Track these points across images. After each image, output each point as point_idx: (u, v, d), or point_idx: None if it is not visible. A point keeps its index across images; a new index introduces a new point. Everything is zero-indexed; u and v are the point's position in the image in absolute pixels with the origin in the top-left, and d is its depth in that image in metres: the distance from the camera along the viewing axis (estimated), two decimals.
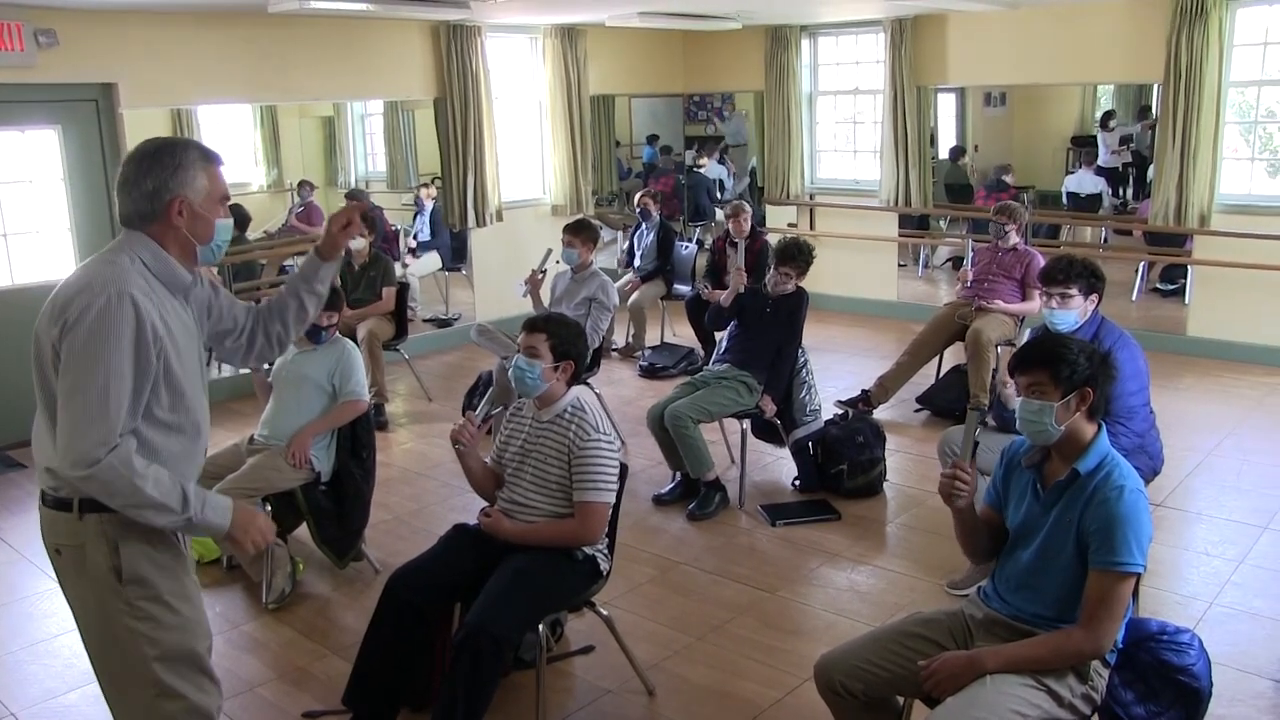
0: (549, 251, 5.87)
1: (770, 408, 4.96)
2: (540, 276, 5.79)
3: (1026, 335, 4.36)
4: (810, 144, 9.45)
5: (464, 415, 3.34)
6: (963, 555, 2.96)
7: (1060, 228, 9.91)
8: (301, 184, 9.14)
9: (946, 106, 11.50)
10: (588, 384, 5.70)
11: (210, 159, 2.29)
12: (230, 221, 2.37)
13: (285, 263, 8.82)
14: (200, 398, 2.34)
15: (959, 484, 2.61)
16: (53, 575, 4.47)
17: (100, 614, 2.25)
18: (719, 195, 11.26)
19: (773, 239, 7.29)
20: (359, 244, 6.57)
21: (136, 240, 2.24)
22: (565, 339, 3.28)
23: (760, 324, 5.10)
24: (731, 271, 5.42)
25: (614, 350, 7.85)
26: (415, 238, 8.99)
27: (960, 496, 2.63)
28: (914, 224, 9.49)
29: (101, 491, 2.10)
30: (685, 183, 10.93)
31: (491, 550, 3.19)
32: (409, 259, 8.80)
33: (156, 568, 2.26)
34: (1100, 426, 2.57)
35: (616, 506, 3.32)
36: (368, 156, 10.32)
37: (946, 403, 6.17)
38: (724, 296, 5.27)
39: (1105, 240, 10.02)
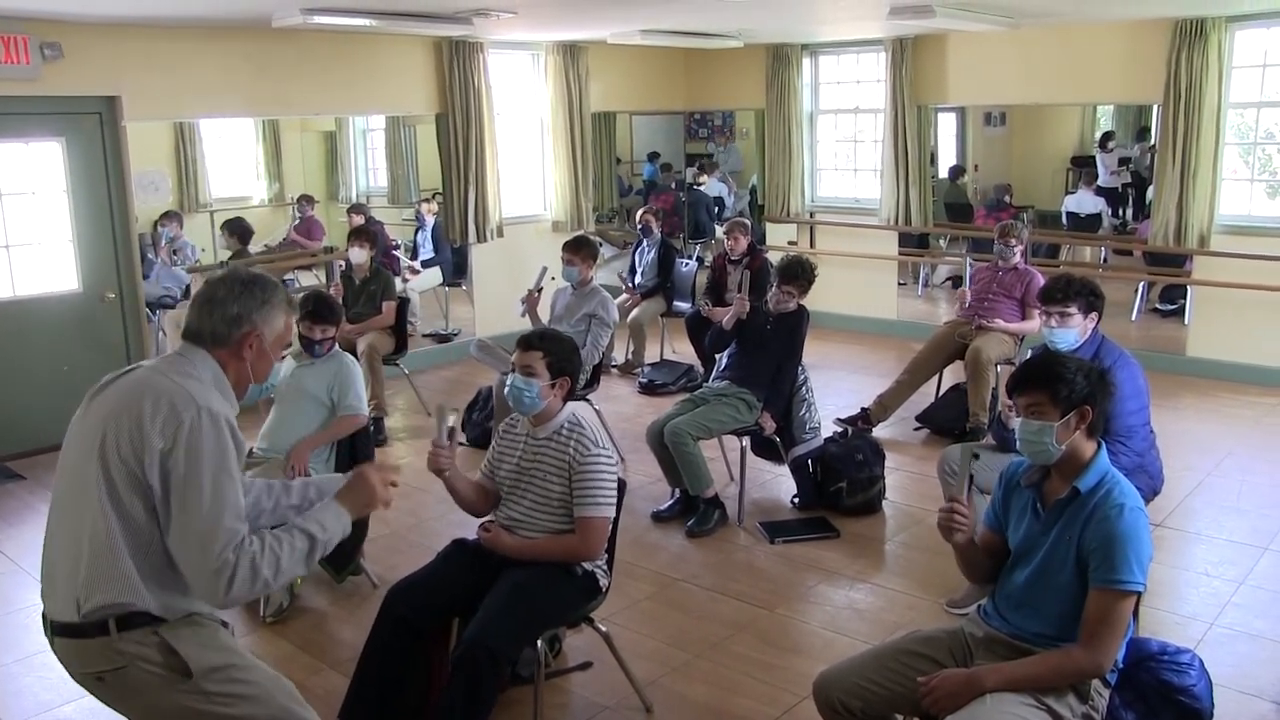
0: (544, 269, 5.87)
1: (770, 425, 4.96)
2: (537, 296, 5.80)
3: (1027, 354, 4.36)
4: (811, 162, 9.47)
5: (432, 445, 3.15)
6: (962, 575, 2.95)
7: (1060, 247, 9.93)
8: (301, 198, 9.17)
9: (947, 126, 11.55)
10: (587, 400, 5.70)
11: (294, 307, 2.42)
12: (281, 365, 2.41)
13: (285, 276, 8.84)
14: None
15: (957, 519, 2.62)
16: None
17: (184, 717, 2.16)
18: (719, 212, 11.28)
19: (773, 257, 7.32)
20: (360, 257, 6.58)
21: (201, 359, 2.25)
22: (561, 356, 3.27)
23: (760, 341, 5.09)
24: (734, 289, 5.42)
25: (613, 367, 7.84)
26: (416, 253, 9.01)
27: (960, 532, 2.63)
28: (914, 243, 9.51)
29: (245, 596, 2.12)
30: (685, 200, 10.96)
31: (490, 565, 3.18)
32: (409, 274, 8.81)
33: (215, 649, 2.21)
34: (1099, 444, 2.57)
35: (615, 522, 3.31)
36: (369, 171, 10.35)
37: (946, 421, 6.16)
38: (725, 319, 5.26)
39: (1105, 260, 10.04)
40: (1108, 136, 11.06)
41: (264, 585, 2.13)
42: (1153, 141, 9.44)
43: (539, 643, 3.11)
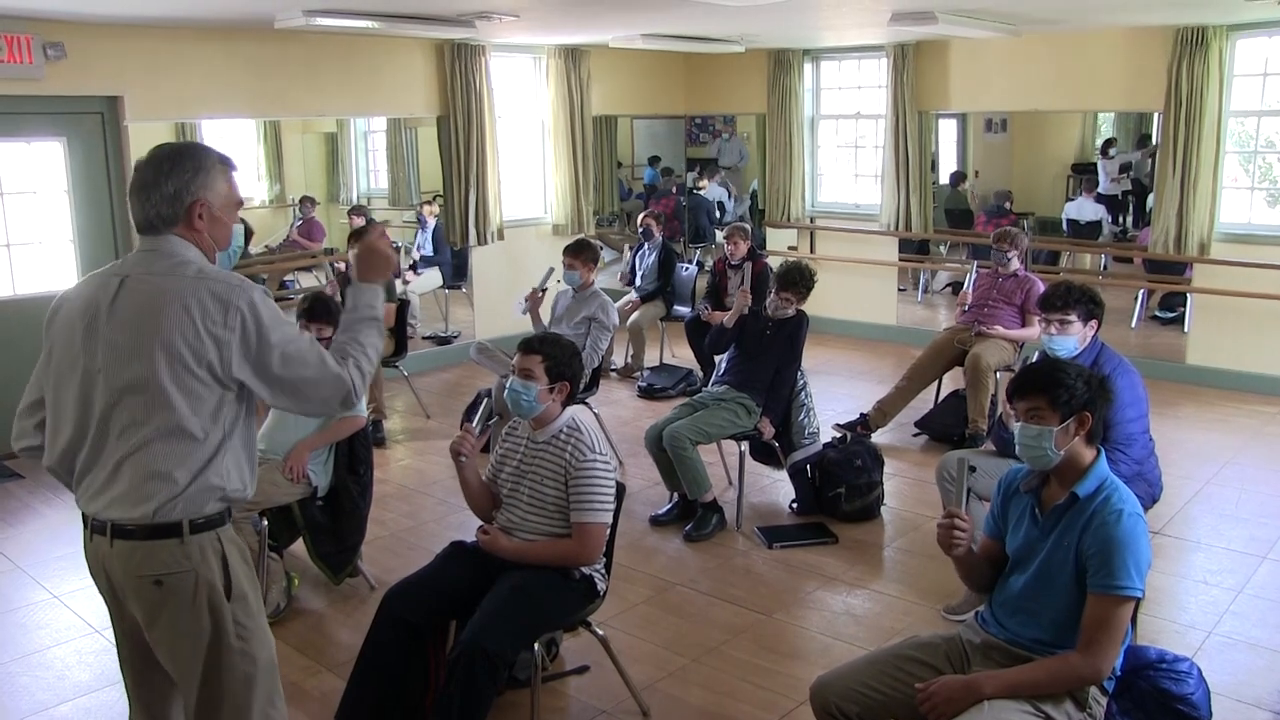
0: (550, 270, 5.88)
1: (768, 430, 4.96)
2: (541, 295, 5.80)
3: (1034, 356, 4.36)
4: (811, 167, 9.48)
5: (461, 427, 3.33)
6: (962, 582, 2.95)
7: (1060, 254, 9.93)
8: (303, 200, 9.17)
9: (947, 132, 11.54)
10: (586, 404, 5.70)
11: (228, 164, 2.32)
12: (241, 227, 2.40)
13: (286, 278, 8.85)
14: None
15: (957, 533, 2.61)
16: (48, 586, 4.43)
17: (211, 641, 2.19)
18: (719, 217, 11.28)
19: (773, 262, 7.33)
20: None
21: (177, 244, 2.23)
22: (560, 360, 3.27)
23: (759, 346, 5.10)
24: (735, 293, 5.42)
25: (613, 370, 7.85)
26: (417, 250, 9.01)
27: (959, 545, 2.63)
28: (914, 249, 9.51)
29: (363, 388, 2.35)
30: (686, 204, 10.97)
31: (488, 568, 3.17)
32: (409, 275, 8.82)
33: (249, 581, 2.27)
34: (1099, 451, 2.57)
35: (614, 526, 3.31)
36: (370, 173, 10.35)
37: (945, 427, 6.16)
38: (727, 317, 5.27)
39: (1105, 267, 10.04)
40: (1109, 144, 11.07)
41: (369, 371, 2.35)
42: (1153, 148, 9.45)
43: (536, 646, 3.11)
